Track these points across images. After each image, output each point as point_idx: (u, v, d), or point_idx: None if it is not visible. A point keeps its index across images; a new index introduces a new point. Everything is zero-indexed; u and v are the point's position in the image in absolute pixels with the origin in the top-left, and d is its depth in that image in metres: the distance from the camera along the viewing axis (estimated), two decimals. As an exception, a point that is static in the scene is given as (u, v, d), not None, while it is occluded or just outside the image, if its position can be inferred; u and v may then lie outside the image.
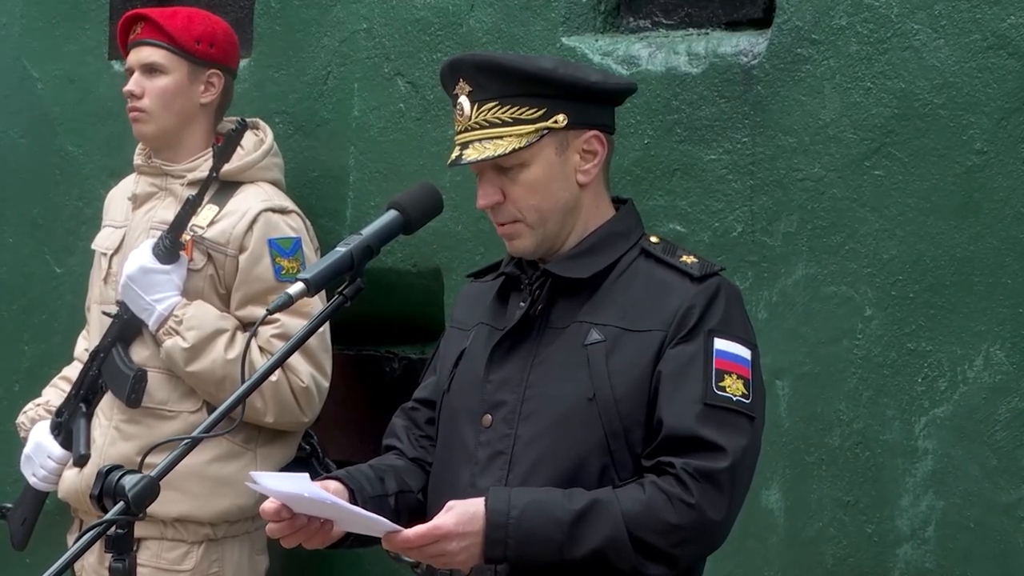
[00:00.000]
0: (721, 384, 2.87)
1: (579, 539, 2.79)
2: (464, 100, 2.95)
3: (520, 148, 2.92)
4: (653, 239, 3.03)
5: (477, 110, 2.94)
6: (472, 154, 2.93)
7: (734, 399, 2.86)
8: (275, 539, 2.88)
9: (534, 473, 2.89)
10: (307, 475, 2.83)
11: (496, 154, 2.92)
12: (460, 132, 2.97)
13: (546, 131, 2.93)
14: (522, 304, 2.99)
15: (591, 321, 2.94)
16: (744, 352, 2.92)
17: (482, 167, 2.95)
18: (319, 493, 2.79)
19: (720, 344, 2.90)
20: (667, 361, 2.88)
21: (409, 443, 3.13)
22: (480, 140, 2.93)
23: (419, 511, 3.02)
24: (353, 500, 2.93)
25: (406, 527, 2.80)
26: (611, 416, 2.88)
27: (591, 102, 2.99)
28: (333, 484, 2.94)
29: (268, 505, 2.83)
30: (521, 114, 2.93)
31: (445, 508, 2.81)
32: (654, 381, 2.88)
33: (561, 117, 2.95)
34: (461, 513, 2.79)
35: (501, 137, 2.92)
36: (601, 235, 2.99)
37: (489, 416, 2.96)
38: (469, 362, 3.04)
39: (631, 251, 3.00)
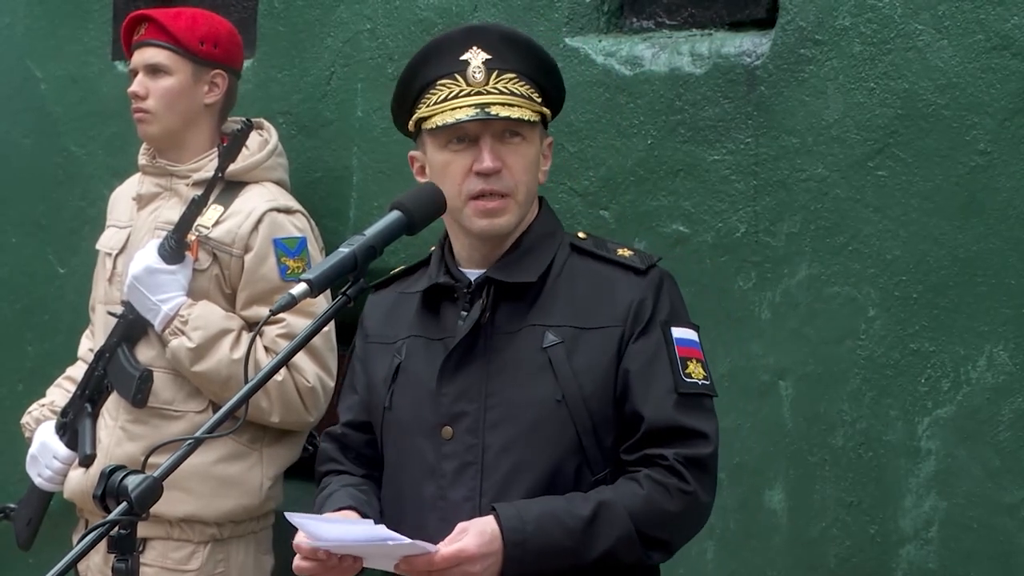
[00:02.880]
0: (687, 371, 2.94)
1: (591, 543, 2.83)
2: (479, 65, 2.94)
3: (536, 122, 2.96)
4: (580, 235, 3.07)
5: (495, 78, 2.94)
6: (503, 111, 2.92)
7: (700, 383, 2.95)
8: (275, 538, 2.87)
9: (510, 481, 2.89)
10: (371, 521, 2.82)
11: (526, 118, 2.93)
12: (463, 95, 2.93)
13: (541, 117, 2.98)
14: (464, 313, 2.98)
15: (543, 323, 2.95)
16: (693, 335, 3.00)
17: (482, 132, 2.93)
18: (393, 536, 2.73)
19: (677, 333, 2.97)
20: (631, 357, 2.92)
21: (351, 464, 3.11)
22: (500, 104, 2.92)
23: None
24: None
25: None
26: (581, 415, 2.91)
27: (557, 109, 3.07)
28: (354, 516, 2.93)
29: (302, 543, 2.81)
30: (531, 93, 2.97)
31: (457, 530, 2.79)
32: (620, 377, 2.92)
33: (548, 112, 3.02)
34: (479, 534, 2.78)
35: (520, 106, 2.94)
36: (534, 236, 3.01)
37: (449, 428, 2.94)
38: (411, 376, 3.01)
39: (562, 249, 3.02)
